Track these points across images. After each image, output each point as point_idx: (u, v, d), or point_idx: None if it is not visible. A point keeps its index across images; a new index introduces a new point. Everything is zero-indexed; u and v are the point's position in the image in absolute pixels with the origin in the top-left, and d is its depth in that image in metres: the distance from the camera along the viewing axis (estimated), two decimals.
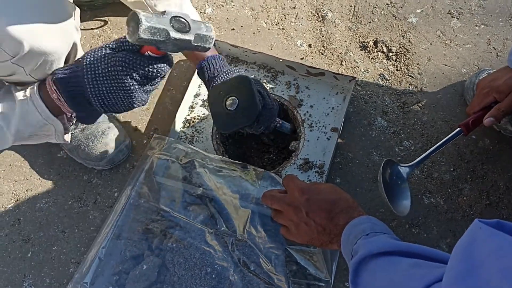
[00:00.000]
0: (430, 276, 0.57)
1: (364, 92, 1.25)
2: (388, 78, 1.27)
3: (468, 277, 0.47)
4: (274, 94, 1.21)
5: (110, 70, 0.76)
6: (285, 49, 1.34)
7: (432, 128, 1.20)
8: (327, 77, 1.20)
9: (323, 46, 1.33)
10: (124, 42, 0.77)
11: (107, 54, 0.77)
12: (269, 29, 1.37)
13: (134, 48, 0.76)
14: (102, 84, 0.77)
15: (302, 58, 1.31)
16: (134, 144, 1.22)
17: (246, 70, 1.26)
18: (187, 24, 0.74)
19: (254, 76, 1.25)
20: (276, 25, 1.38)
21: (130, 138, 1.21)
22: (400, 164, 1.02)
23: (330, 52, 1.32)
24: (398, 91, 1.25)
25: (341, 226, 0.80)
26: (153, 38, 0.70)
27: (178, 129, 1.20)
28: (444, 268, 0.52)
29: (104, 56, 0.77)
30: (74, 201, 1.17)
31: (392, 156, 1.17)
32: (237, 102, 0.92)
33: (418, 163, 1.01)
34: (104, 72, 0.76)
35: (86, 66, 0.77)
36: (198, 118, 1.21)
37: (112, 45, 0.78)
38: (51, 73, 0.82)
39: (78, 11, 0.90)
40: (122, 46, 0.77)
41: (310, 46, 1.34)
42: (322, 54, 1.32)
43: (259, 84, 0.98)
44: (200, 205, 1.05)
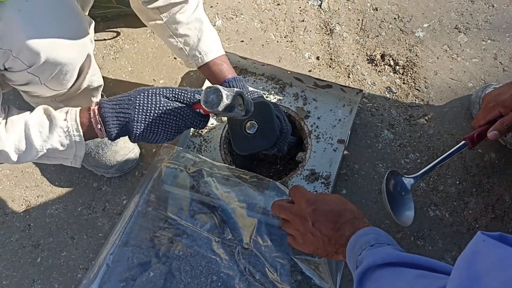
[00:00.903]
0: (433, 286, 0.58)
1: (370, 104, 1.27)
2: (394, 91, 1.29)
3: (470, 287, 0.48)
4: (282, 105, 1.23)
5: (162, 117, 0.84)
6: (293, 61, 1.36)
7: (438, 141, 1.21)
8: (334, 89, 1.22)
9: (331, 59, 1.35)
10: (180, 94, 0.85)
11: (162, 101, 0.84)
12: (277, 41, 1.40)
13: (189, 103, 0.86)
14: (150, 127, 0.85)
15: (310, 71, 1.33)
16: (143, 152, 1.24)
17: (254, 81, 1.28)
18: (244, 100, 0.85)
19: (262, 87, 1.27)
20: (284, 37, 1.40)
21: (139, 147, 1.23)
22: (404, 175, 1.03)
23: (338, 64, 1.34)
24: (404, 104, 1.27)
25: (346, 236, 0.81)
26: (222, 112, 0.81)
27: (187, 138, 1.22)
28: (447, 279, 0.53)
29: (158, 102, 0.84)
30: (84, 208, 1.19)
31: (398, 168, 1.18)
32: (256, 126, 0.98)
33: (422, 175, 1.02)
34: (155, 117, 0.84)
35: (138, 108, 0.84)
36: (206, 128, 1.23)
37: (167, 93, 0.85)
38: (97, 102, 0.85)
39: (93, 24, 0.93)
40: (177, 97, 0.85)
41: (318, 58, 1.36)
42: (330, 67, 1.34)
43: (277, 108, 1.02)
44: (207, 213, 1.07)
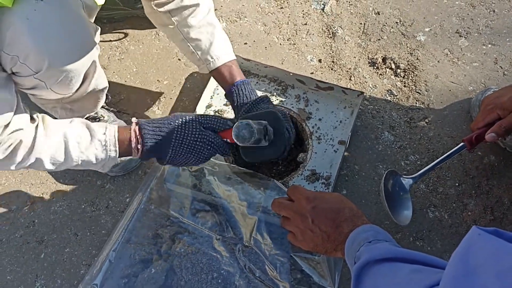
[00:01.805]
0: (429, 280, 0.59)
1: (371, 107, 1.28)
2: (395, 94, 1.30)
3: (464, 280, 0.48)
4: (284, 107, 1.24)
5: (196, 144, 0.91)
6: (295, 63, 1.38)
7: (438, 143, 1.22)
8: (336, 91, 1.24)
9: (333, 62, 1.37)
10: (213, 122, 0.93)
11: (198, 129, 0.91)
12: (280, 44, 1.42)
13: (219, 130, 0.94)
14: (183, 152, 0.91)
15: (312, 73, 1.35)
16: None
17: (257, 83, 1.30)
18: (267, 131, 0.92)
19: (265, 89, 1.28)
20: (287, 40, 1.42)
21: None
22: (402, 175, 1.04)
23: (340, 67, 1.36)
24: (405, 107, 1.28)
25: (345, 234, 0.82)
26: (252, 145, 0.90)
27: None
28: (443, 273, 0.54)
29: (194, 129, 0.91)
30: (87, 205, 1.20)
31: (398, 170, 1.19)
32: None
33: (421, 175, 1.03)
34: (190, 143, 0.91)
35: (176, 134, 0.90)
36: None
37: (202, 121, 0.92)
38: (137, 122, 0.91)
39: (98, 31, 0.95)
40: (211, 125, 0.93)
41: (320, 61, 1.38)
42: (332, 69, 1.36)
43: (285, 117, 1.04)
44: (208, 212, 1.08)
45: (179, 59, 1.40)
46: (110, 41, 1.44)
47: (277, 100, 1.27)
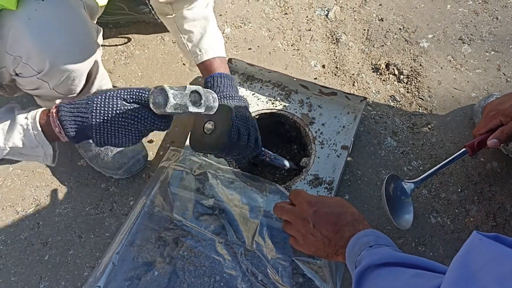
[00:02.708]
0: (429, 284, 0.59)
1: (374, 112, 1.29)
2: (398, 100, 1.31)
3: (465, 284, 0.49)
4: (287, 112, 1.25)
5: (120, 120, 0.80)
6: (299, 69, 1.39)
7: (440, 149, 1.23)
8: (339, 96, 1.24)
9: (336, 67, 1.38)
10: (136, 95, 0.81)
11: (119, 104, 0.80)
12: (284, 49, 1.43)
13: (146, 103, 0.81)
14: (109, 129, 0.81)
15: (316, 78, 1.36)
16: (151, 155, 1.27)
17: (261, 87, 1.30)
18: (202, 97, 0.81)
19: (268, 93, 1.29)
20: (291, 46, 1.43)
21: (147, 150, 1.26)
22: (404, 179, 1.05)
23: (343, 73, 1.37)
24: (408, 113, 1.29)
25: (346, 238, 0.83)
26: (174, 112, 0.78)
27: None
28: (443, 278, 0.54)
29: (115, 105, 0.80)
30: (92, 208, 1.21)
31: (400, 175, 1.19)
32: (212, 129, 0.96)
33: (422, 180, 1.04)
34: (113, 120, 0.80)
35: (95, 112, 0.80)
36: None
37: (124, 95, 0.81)
38: (56, 105, 0.82)
39: (101, 32, 0.96)
40: (134, 98, 0.81)
41: (323, 66, 1.38)
42: (335, 75, 1.37)
43: (250, 119, 0.99)
44: (211, 215, 1.09)
45: (184, 64, 1.42)
46: (116, 45, 1.46)
47: (280, 105, 1.27)
